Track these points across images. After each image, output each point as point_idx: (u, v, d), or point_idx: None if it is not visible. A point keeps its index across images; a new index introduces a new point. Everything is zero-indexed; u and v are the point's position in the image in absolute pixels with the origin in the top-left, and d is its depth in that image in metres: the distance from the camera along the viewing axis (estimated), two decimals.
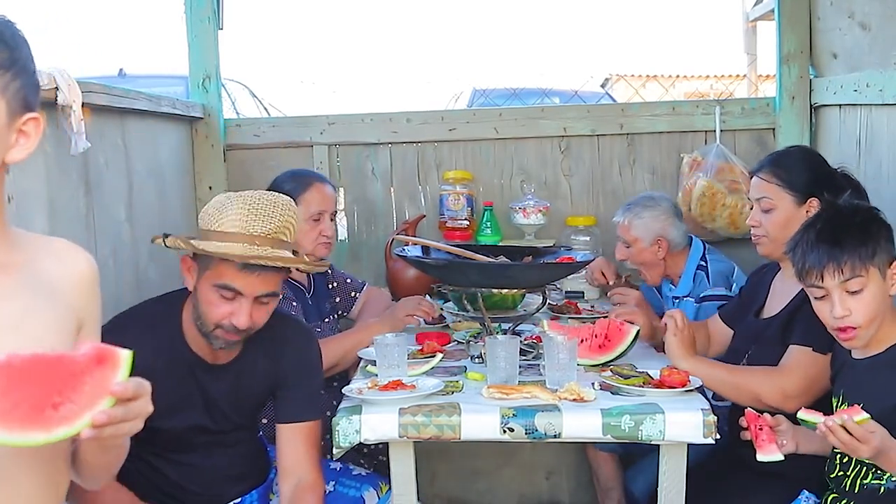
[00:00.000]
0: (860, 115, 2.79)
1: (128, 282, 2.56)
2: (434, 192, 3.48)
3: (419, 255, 2.67)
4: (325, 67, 17.98)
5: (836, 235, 1.88)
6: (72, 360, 1.12)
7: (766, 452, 1.94)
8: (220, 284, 1.88)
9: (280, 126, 3.55)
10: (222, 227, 1.88)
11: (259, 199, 1.91)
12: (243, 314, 1.89)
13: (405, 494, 2.06)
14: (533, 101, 3.93)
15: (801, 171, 2.30)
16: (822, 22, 3.18)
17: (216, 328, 1.92)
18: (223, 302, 1.89)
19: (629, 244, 2.91)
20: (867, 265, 1.85)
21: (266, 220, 1.89)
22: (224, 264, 1.86)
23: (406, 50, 22.03)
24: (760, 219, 2.32)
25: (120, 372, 1.13)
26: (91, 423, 1.10)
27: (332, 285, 2.91)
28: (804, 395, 2.08)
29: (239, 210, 1.89)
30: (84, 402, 1.10)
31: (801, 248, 1.93)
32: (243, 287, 1.87)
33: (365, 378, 2.21)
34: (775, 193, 2.29)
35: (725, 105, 3.41)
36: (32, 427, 1.07)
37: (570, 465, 3.51)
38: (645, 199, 2.95)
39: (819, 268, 1.87)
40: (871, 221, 1.91)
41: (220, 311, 1.90)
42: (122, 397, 1.13)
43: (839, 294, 1.86)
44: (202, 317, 1.92)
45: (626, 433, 1.93)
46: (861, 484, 1.90)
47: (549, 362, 2.14)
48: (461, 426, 1.94)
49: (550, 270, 2.53)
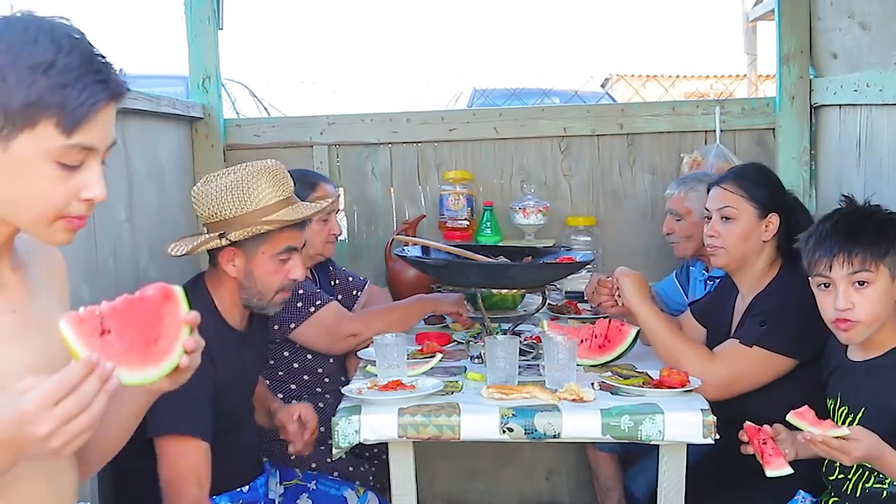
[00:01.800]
0: (860, 115, 2.79)
1: (128, 281, 2.56)
2: (434, 192, 3.48)
3: (419, 255, 2.66)
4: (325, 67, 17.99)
5: (851, 229, 1.88)
6: (150, 300, 1.21)
7: (775, 468, 1.92)
8: (285, 249, 2.07)
9: (280, 126, 3.55)
10: (262, 203, 2.03)
11: (272, 169, 2.08)
12: (299, 266, 2.11)
13: (405, 494, 2.06)
14: (533, 101, 3.93)
15: (763, 185, 2.32)
16: (822, 22, 3.18)
17: (277, 293, 2.10)
18: (281, 266, 2.08)
19: (680, 216, 2.92)
20: (878, 262, 1.84)
21: (287, 182, 2.10)
22: (282, 232, 2.05)
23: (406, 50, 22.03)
24: (720, 229, 2.31)
25: (183, 304, 1.22)
26: (184, 351, 1.19)
27: (334, 282, 2.92)
28: (724, 386, 2.13)
29: (267, 184, 2.05)
30: (171, 334, 1.20)
31: (814, 237, 1.92)
32: (298, 242, 2.12)
33: (364, 378, 2.22)
34: (738, 203, 2.29)
35: (725, 105, 3.41)
36: (145, 364, 1.17)
37: (570, 465, 3.51)
38: (700, 175, 2.98)
39: (829, 257, 1.87)
40: (888, 224, 1.91)
41: (279, 276, 2.08)
42: (194, 324, 1.21)
43: (845, 286, 1.86)
44: (262, 291, 2.09)
45: (625, 433, 1.93)
46: (863, 488, 1.90)
47: (549, 362, 2.14)
48: (461, 426, 1.94)
49: (550, 270, 2.53)
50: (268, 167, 2.08)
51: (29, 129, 1.15)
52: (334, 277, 2.93)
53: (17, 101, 1.13)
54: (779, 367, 2.15)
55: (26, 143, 1.15)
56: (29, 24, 1.16)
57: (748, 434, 1.97)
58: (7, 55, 1.14)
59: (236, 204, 2.02)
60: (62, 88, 1.14)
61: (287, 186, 2.09)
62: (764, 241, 2.28)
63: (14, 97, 1.13)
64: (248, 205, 2.02)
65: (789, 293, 2.16)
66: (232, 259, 2.06)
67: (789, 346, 2.13)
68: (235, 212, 2.02)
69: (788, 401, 2.18)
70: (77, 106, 1.15)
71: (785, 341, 2.13)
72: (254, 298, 2.10)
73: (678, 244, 2.96)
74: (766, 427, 1.97)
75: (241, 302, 2.12)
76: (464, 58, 18.09)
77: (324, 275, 2.86)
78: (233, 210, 2.02)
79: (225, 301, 2.11)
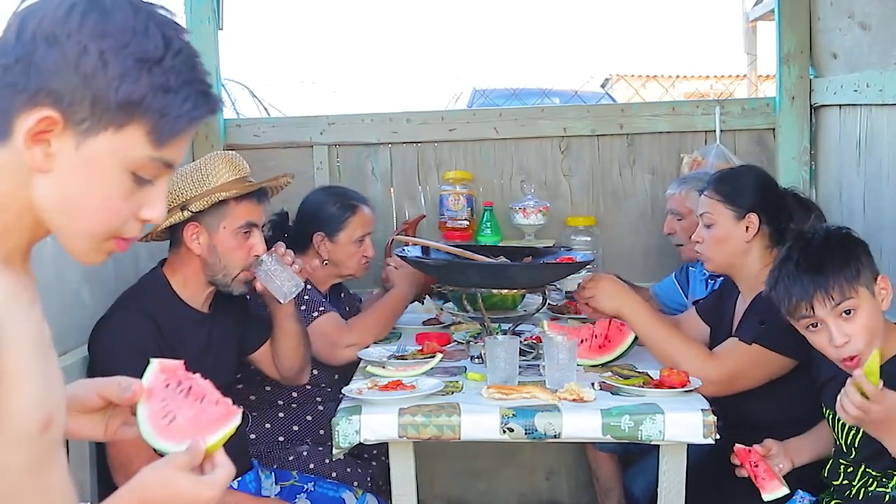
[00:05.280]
0: (860, 115, 2.79)
1: (128, 281, 2.55)
2: (434, 192, 3.47)
3: (419, 255, 2.67)
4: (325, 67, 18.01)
5: (817, 262, 1.82)
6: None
7: (770, 490, 1.91)
8: (245, 223, 2.15)
9: (280, 126, 3.55)
10: (220, 181, 2.13)
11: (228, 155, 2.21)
12: (260, 242, 2.18)
13: (405, 495, 2.06)
14: (533, 102, 3.92)
15: (743, 187, 2.31)
16: (822, 22, 3.18)
17: (241, 271, 2.16)
18: (244, 241, 2.15)
19: (682, 216, 2.91)
20: (854, 285, 1.80)
21: (242, 165, 2.20)
22: (240, 206, 2.14)
23: (406, 50, 22.05)
24: (703, 235, 2.33)
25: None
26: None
27: (342, 294, 2.93)
28: (724, 383, 2.13)
29: (223, 165, 2.15)
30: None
31: (782, 283, 1.87)
32: (258, 218, 2.19)
33: (364, 378, 2.22)
34: (714, 208, 2.30)
35: (725, 105, 3.41)
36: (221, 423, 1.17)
37: (570, 466, 3.51)
38: (701, 174, 2.96)
39: (808, 298, 1.81)
40: (846, 241, 1.87)
41: (242, 251, 2.15)
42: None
43: (834, 321, 1.81)
44: (227, 267, 2.15)
45: (625, 433, 1.92)
46: (867, 492, 1.89)
47: (549, 363, 2.14)
48: (461, 426, 1.94)
49: (550, 271, 2.53)
50: (224, 154, 2.21)
51: (114, 130, 0.98)
52: (343, 290, 2.94)
53: (114, 96, 0.96)
54: (777, 365, 2.16)
55: (105, 144, 0.98)
56: (139, 9, 0.99)
57: (739, 458, 1.96)
58: (114, 39, 0.96)
59: (195, 183, 2.13)
60: (165, 93, 0.98)
61: (243, 168, 2.19)
62: (747, 242, 2.28)
63: (112, 91, 0.96)
64: (207, 183, 2.12)
65: None
66: (196, 236, 2.13)
67: (788, 345, 2.13)
68: (195, 190, 2.12)
69: (788, 401, 2.19)
70: (177, 116, 1.00)
71: (783, 340, 2.12)
72: (219, 275, 2.16)
73: (684, 248, 2.93)
74: (757, 447, 1.96)
75: (205, 280, 2.17)
76: (464, 58, 18.12)
77: (336, 286, 2.87)
78: (192, 189, 2.13)
79: (185, 283, 2.18)
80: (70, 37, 0.96)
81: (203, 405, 1.19)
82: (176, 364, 1.22)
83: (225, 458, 1.13)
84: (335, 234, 2.71)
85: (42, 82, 0.96)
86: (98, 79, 0.96)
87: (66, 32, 0.96)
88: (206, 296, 2.21)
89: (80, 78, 0.96)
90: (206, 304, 2.23)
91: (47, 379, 1.05)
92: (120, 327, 2.06)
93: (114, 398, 1.23)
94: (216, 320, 2.25)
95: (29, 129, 0.96)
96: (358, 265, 2.76)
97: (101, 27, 0.96)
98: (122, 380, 1.21)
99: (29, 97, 0.96)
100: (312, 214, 2.75)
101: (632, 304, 2.27)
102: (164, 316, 2.11)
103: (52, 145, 0.98)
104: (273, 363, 2.39)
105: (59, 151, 0.98)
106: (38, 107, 0.96)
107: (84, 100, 0.96)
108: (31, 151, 0.97)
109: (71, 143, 0.98)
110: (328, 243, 2.71)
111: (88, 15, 0.96)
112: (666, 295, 3.09)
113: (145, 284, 2.21)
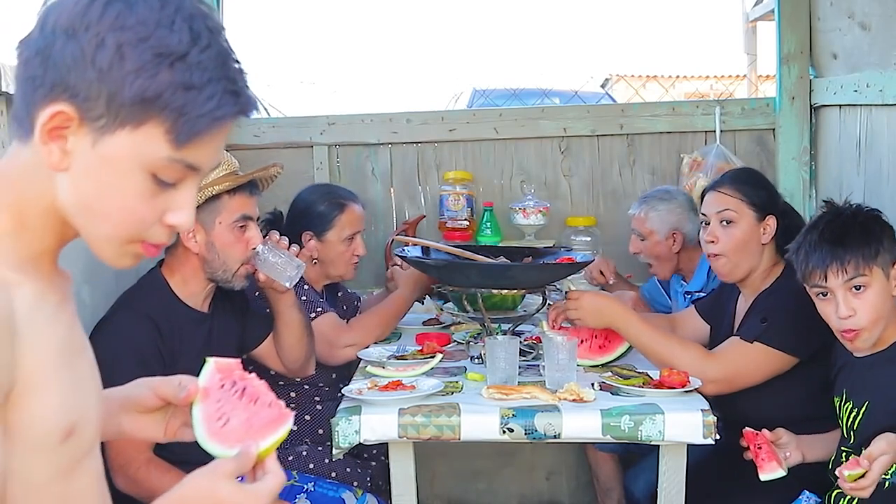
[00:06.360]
0: (860, 115, 2.79)
1: (128, 281, 2.55)
2: (434, 192, 3.47)
3: (419, 255, 2.67)
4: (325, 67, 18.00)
5: (839, 235, 1.88)
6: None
7: (767, 471, 1.93)
8: (240, 217, 2.16)
9: (280, 126, 3.54)
10: (211, 177, 2.12)
11: None
12: (257, 234, 2.19)
13: (405, 495, 2.06)
14: (533, 102, 3.92)
15: (760, 188, 2.32)
16: (822, 22, 3.18)
17: (241, 265, 2.17)
18: (240, 235, 2.16)
19: (644, 237, 2.89)
20: (871, 264, 1.85)
21: (231, 161, 2.21)
22: (234, 199, 2.15)
23: (406, 50, 22.05)
24: (719, 234, 2.28)
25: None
26: None
27: (339, 294, 2.93)
28: (725, 382, 2.13)
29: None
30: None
31: (804, 249, 1.93)
32: (252, 211, 2.19)
33: (364, 378, 2.22)
34: (738, 207, 2.28)
35: (725, 105, 3.41)
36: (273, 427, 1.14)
37: (570, 466, 3.51)
38: (661, 192, 2.94)
39: (823, 267, 1.87)
40: (873, 222, 1.92)
41: (240, 245, 2.16)
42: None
43: (843, 294, 1.86)
44: (226, 262, 2.16)
45: (625, 433, 1.93)
46: None
47: (549, 363, 2.14)
48: (461, 427, 1.94)
49: (550, 271, 2.53)
50: None
51: (131, 128, 0.93)
52: (340, 289, 2.94)
53: (129, 92, 0.92)
54: (779, 364, 2.15)
55: (122, 143, 0.94)
56: (167, 2, 0.94)
57: (746, 439, 1.98)
58: (133, 31, 0.92)
59: None
60: (186, 90, 0.93)
61: (231, 163, 2.19)
62: (763, 245, 2.28)
63: (127, 86, 0.92)
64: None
65: (792, 292, 2.16)
66: (192, 234, 2.14)
67: (790, 343, 2.13)
68: None
69: (790, 401, 2.19)
70: (198, 115, 0.94)
71: (786, 339, 2.13)
72: (218, 271, 2.16)
73: (654, 268, 2.94)
74: (765, 431, 1.96)
75: (205, 279, 2.18)
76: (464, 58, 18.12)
77: (332, 286, 2.87)
78: None
79: (184, 282, 2.18)
80: (88, 29, 0.92)
81: (256, 407, 1.15)
82: (232, 363, 1.18)
83: (276, 465, 1.07)
84: (324, 233, 2.70)
85: (58, 76, 0.93)
86: (114, 73, 0.92)
87: (86, 24, 0.92)
88: (205, 295, 2.22)
89: (96, 72, 0.92)
90: (206, 304, 2.24)
91: (74, 384, 1.02)
92: (119, 329, 2.07)
93: (171, 398, 1.20)
94: (216, 319, 2.26)
95: (43, 125, 0.93)
96: (347, 266, 2.73)
97: (122, 19, 0.92)
98: (182, 378, 1.19)
99: (46, 92, 0.93)
100: (301, 213, 2.74)
101: (621, 315, 2.24)
102: (164, 317, 2.11)
103: (69, 142, 0.94)
104: (277, 357, 2.39)
105: (76, 149, 0.95)
106: (54, 102, 0.93)
107: (100, 95, 0.92)
108: (47, 147, 0.94)
109: (87, 140, 0.94)
110: (317, 242, 2.70)
111: (111, 6, 0.92)
112: (652, 297, 3.09)
113: (144, 285, 2.22)
